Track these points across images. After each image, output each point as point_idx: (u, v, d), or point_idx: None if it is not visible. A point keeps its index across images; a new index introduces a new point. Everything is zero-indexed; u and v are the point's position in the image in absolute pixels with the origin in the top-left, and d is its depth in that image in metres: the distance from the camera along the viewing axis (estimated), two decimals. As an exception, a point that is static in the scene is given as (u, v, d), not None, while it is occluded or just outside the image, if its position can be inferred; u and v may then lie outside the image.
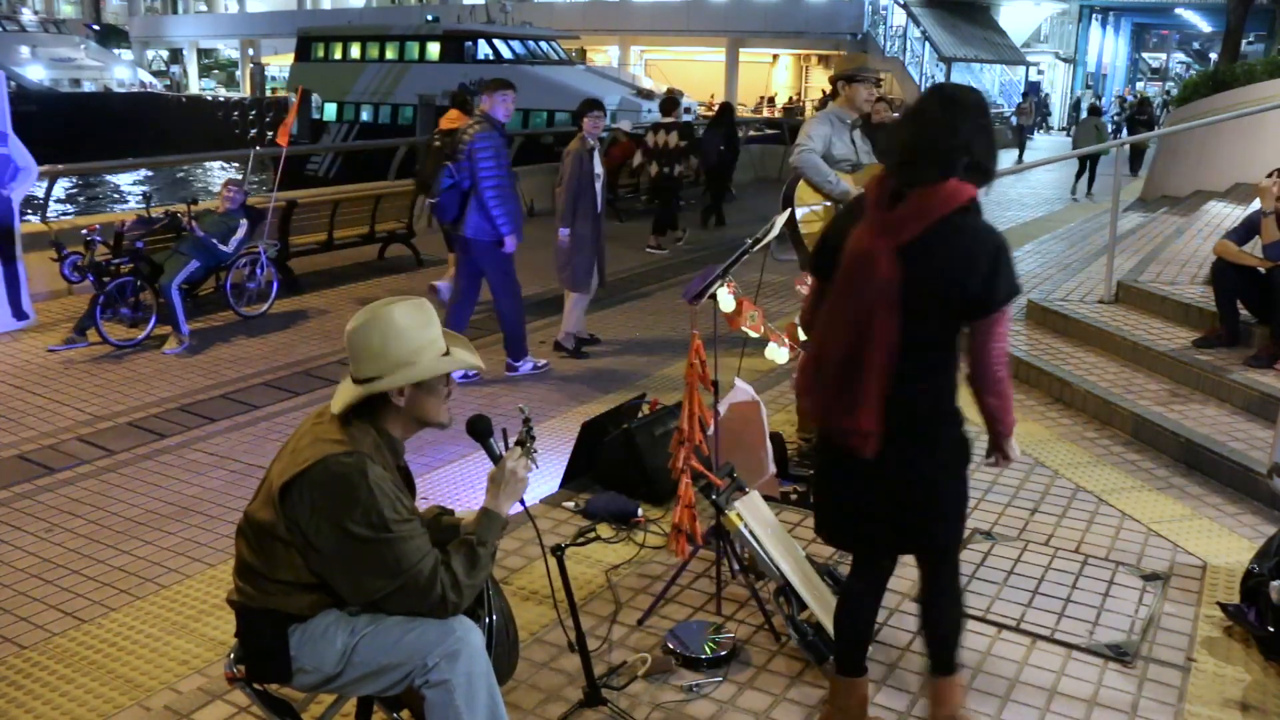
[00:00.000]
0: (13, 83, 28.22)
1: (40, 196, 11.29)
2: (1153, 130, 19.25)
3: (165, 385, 6.67)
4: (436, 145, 8.45)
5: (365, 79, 29.97)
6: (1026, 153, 22.70)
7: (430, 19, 31.18)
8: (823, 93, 29.52)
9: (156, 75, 56.81)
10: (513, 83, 6.84)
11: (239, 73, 54.93)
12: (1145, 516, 4.50)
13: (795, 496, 4.57)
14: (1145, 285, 7.02)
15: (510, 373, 6.97)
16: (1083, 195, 16.74)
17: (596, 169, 7.32)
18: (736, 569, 3.78)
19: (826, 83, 30.49)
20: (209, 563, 4.30)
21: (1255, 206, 6.16)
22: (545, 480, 4.77)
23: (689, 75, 37.35)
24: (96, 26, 60.82)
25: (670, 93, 14.38)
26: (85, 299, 7.62)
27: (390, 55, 29.96)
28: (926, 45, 34.38)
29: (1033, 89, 37.83)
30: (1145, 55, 56.51)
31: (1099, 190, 16.59)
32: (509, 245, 6.61)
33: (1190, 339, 6.10)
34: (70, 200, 27.87)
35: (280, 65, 46.13)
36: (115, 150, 28.02)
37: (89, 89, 47.63)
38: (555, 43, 29.96)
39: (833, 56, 36.47)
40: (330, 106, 30.39)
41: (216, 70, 59.84)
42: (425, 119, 27.90)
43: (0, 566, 4.28)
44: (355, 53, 30.91)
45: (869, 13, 33.26)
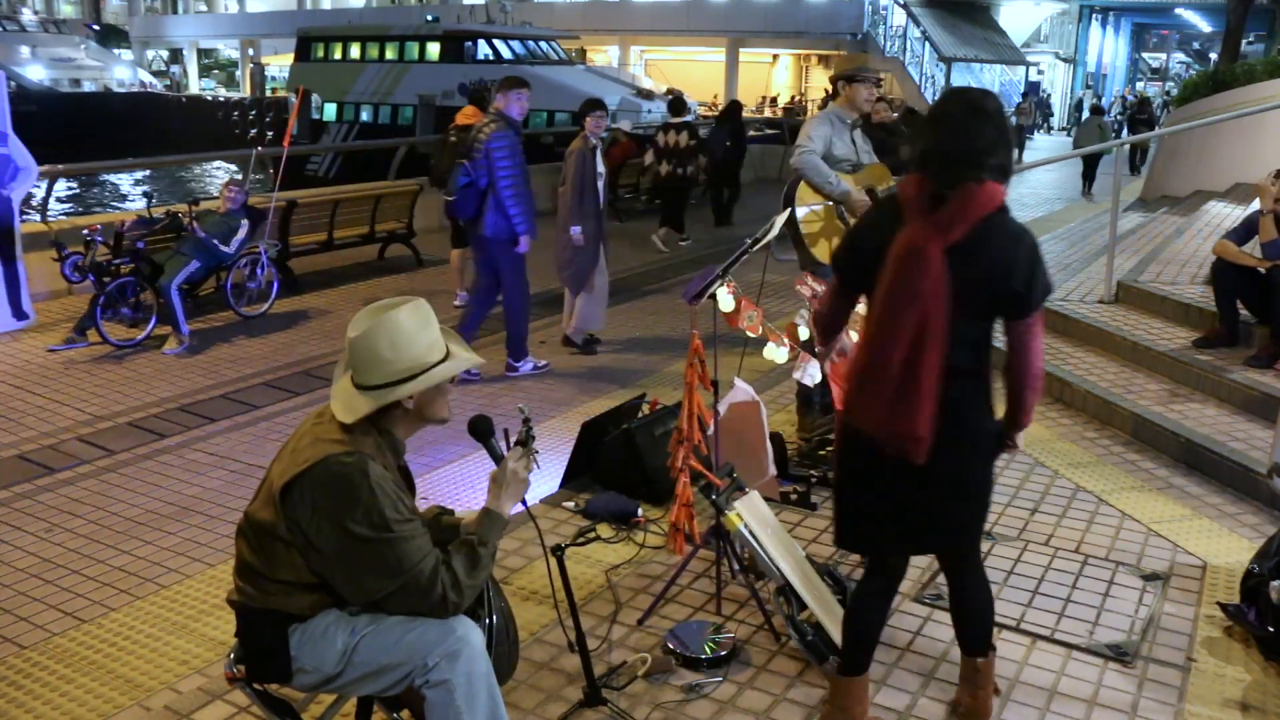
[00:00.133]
0: (13, 83, 28.22)
1: (40, 196, 11.30)
2: (1153, 129, 19.28)
3: (165, 385, 6.67)
4: (452, 140, 8.45)
5: (365, 79, 29.96)
6: (1026, 153, 22.69)
7: (430, 19, 31.16)
8: (825, 92, 29.50)
9: (156, 75, 56.80)
10: (528, 81, 6.90)
11: (239, 73, 54.92)
12: (1145, 516, 4.50)
13: (795, 496, 4.57)
14: (1145, 285, 7.02)
15: (510, 373, 6.98)
16: (1089, 193, 16.78)
17: (599, 168, 7.36)
18: (736, 569, 3.78)
19: (827, 83, 30.50)
20: (209, 563, 4.31)
21: (1255, 206, 6.17)
22: (545, 480, 4.76)
23: (689, 75, 37.34)
24: (96, 26, 60.81)
25: (671, 92, 14.41)
26: (85, 299, 7.62)
27: (390, 55, 29.93)
28: (926, 45, 34.35)
29: (1033, 89, 37.82)
30: (1145, 55, 56.48)
31: (1098, 190, 16.61)
32: (523, 245, 6.69)
33: (1190, 339, 6.10)
34: (71, 200, 27.85)
35: (280, 65, 46.10)
36: (115, 150, 28.01)
37: (89, 89, 47.62)
38: (555, 43, 29.95)
39: (833, 56, 36.47)
40: (330, 107, 30.36)
41: (216, 70, 59.83)
42: (425, 119, 27.91)
43: (0, 566, 4.29)
44: (355, 53, 30.88)
45: (869, 13, 33.24)
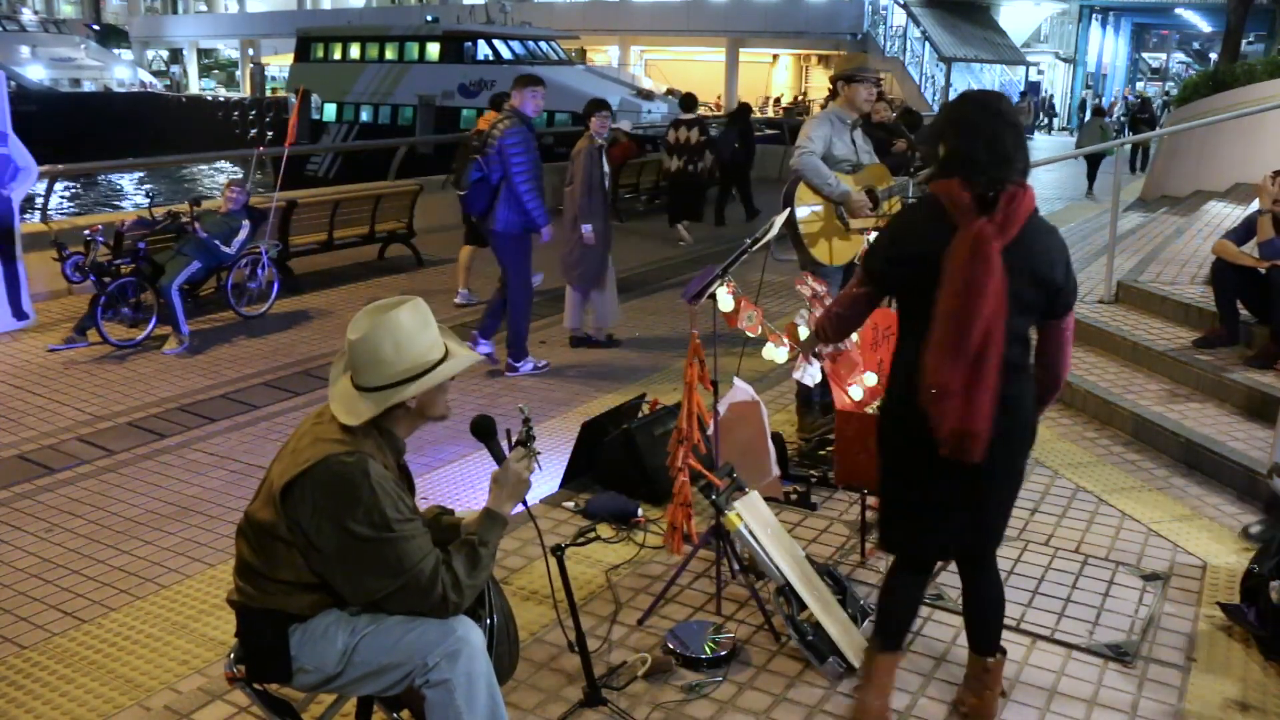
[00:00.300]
0: (13, 83, 28.23)
1: (40, 196, 11.30)
2: (1154, 128, 19.29)
3: (165, 385, 6.67)
4: (474, 145, 8.52)
5: (365, 79, 29.96)
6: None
7: (430, 19, 31.17)
8: (829, 91, 29.62)
9: (156, 75, 56.82)
10: (543, 79, 6.98)
11: (239, 73, 54.94)
12: (1145, 516, 4.50)
13: (795, 496, 4.57)
14: (1145, 285, 7.02)
15: (510, 373, 6.98)
16: (1096, 190, 16.83)
17: (604, 167, 7.47)
18: (736, 569, 3.78)
19: (828, 82, 30.47)
20: (209, 563, 4.30)
21: (1255, 206, 6.16)
22: (545, 480, 4.76)
23: (689, 75, 37.34)
24: (96, 26, 60.81)
25: (672, 92, 14.47)
26: (85, 299, 7.62)
27: (390, 56, 29.94)
28: (926, 45, 34.37)
29: (1033, 89, 37.83)
30: (1145, 55, 56.49)
31: (1099, 189, 16.62)
32: (545, 235, 6.80)
33: (1190, 339, 6.09)
34: (71, 200, 27.85)
35: (280, 65, 46.12)
36: (115, 150, 28.03)
37: (89, 89, 47.63)
38: (555, 43, 29.96)
39: (833, 56, 36.49)
40: (330, 107, 30.37)
41: (216, 70, 59.85)
42: (425, 119, 27.92)
43: (0, 566, 4.29)
44: (355, 53, 30.89)
45: (869, 13, 33.27)
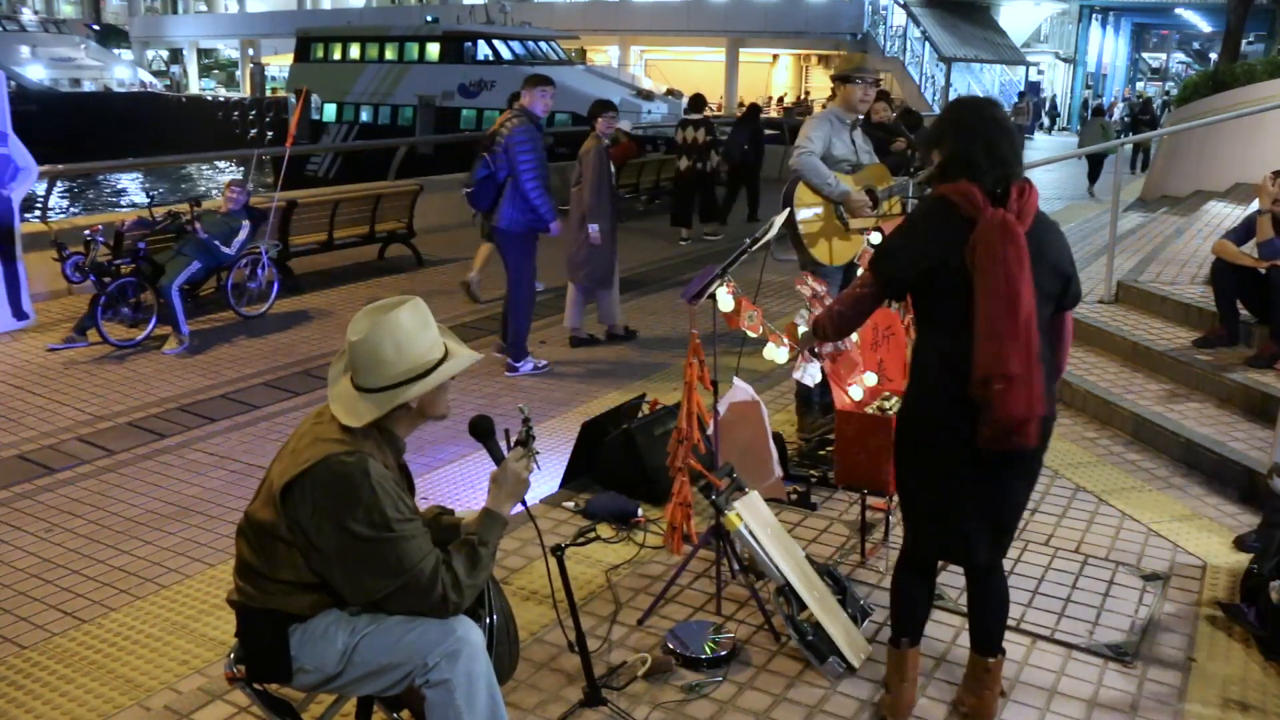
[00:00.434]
0: (13, 83, 28.21)
1: (40, 196, 11.30)
2: (1156, 128, 19.31)
3: (165, 385, 6.67)
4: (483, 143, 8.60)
5: (365, 79, 29.96)
6: (1027, 153, 22.75)
7: (430, 20, 31.17)
8: (832, 92, 29.62)
9: (156, 75, 56.82)
10: (553, 79, 7.03)
11: (239, 73, 54.95)
12: (1145, 516, 4.50)
13: (795, 496, 4.57)
14: (1145, 285, 7.02)
15: (510, 373, 6.99)
16: (1096, 189, 16.85)
17: (611, 167, 7.55)
18: (736, 569, 3.78)
19: (830, 82, 30.46)
20: (209, 563, 4.30)
21: (1255, 206, 6.16)
22: (545, 480, 4.76)
23: (689, 75, 37.30)
24: (96, 26, 60.82)
25: (672, 92, 14.47)
26: (85, 299, 7.62)
27: (390, 56, 29.93)
28: (926, 45, 34.38)
29: (1033, 89, 37.83)
30: (1145, 55, 56.50)
31: (1100, 188, 16.62)
32: (554, 230, 6.85)
33: (1190, 339, 6.09)
34: (72, 199, 27.85)
35: (280, 65, 46.11)
36: (115, 150, 28.04)
37: (89, 89, 47.61)
38: (555, 43, 29.95)
39: (833, 56, 36.47)
40: (330, 107, 30.36)
41: (216, 70, 59.85)
42: (425, 119, 27.90)
43: (0, 566, 4.29)
44: (355, 53, 30.89)
45: (869, 13, 33.27)
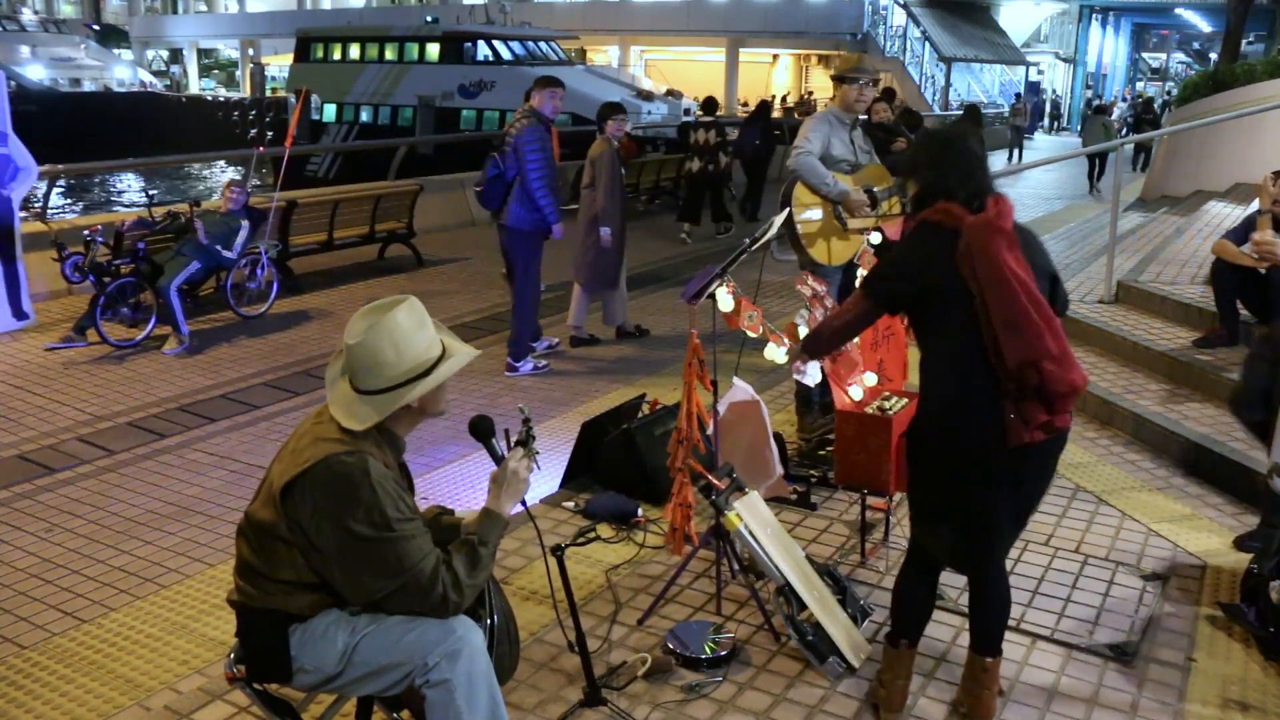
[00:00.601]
0: (13, 83, 28.22)
1: (40, 196, 11.30)
2: (1158, 128, 19.34)
3: (165, 385, 6.67)
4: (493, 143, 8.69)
5: (365, 80, 29.96)
6: (1026, 153, 22.79)
7: (430, 20, 31.16)
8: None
9: (156, 75, 56.83)
10: (563, 81, 7.10)
11: (239, 73, 54.96)
12: (1145, 516, 4.50)
13: (795, 496, 4.57)
14: (1145, 285, 7.02)
15: (510, 372, 6.99)
16: (1096, 191, 16.87)
17: (622, 170, 7.62)
18: (736, 569, 3.78)
19: (830, 83, 30.46)
20: (209, 563, 4.30)
21: (1255, 206, 6.16)
22: (545, 480, 4.77)
23: (689, 75, 37.36)
24: (96, 26, 60.85)
25: (671, 93, 14.49)
26: (85, 299, 7.62)
27: (390, 56, 29.93)
28: (926, 45, 34.41)
29: (1033, 90, 37.84)
30: (1145, 55, 56.53)
31: (1103, 187, 16.67)
32: (556, 232, 6.89)
33: (1190, 339, 6.10)
34: (73, 199, 27.85)
35: (280, 65, 46.11)
36: (115, 150, 28.04)
37: (89, 89, 47.63)
38: (555, 43, 29.94)
39: (833, 56, 36.47)
40: (330, 107, 30.35)
41: (216, 70, 59.87)
42: (425, 120, 27.89)
43: (0, 566, 4.29)
44: (355, 53, 30.88)
45: (869, 13, 33.29)
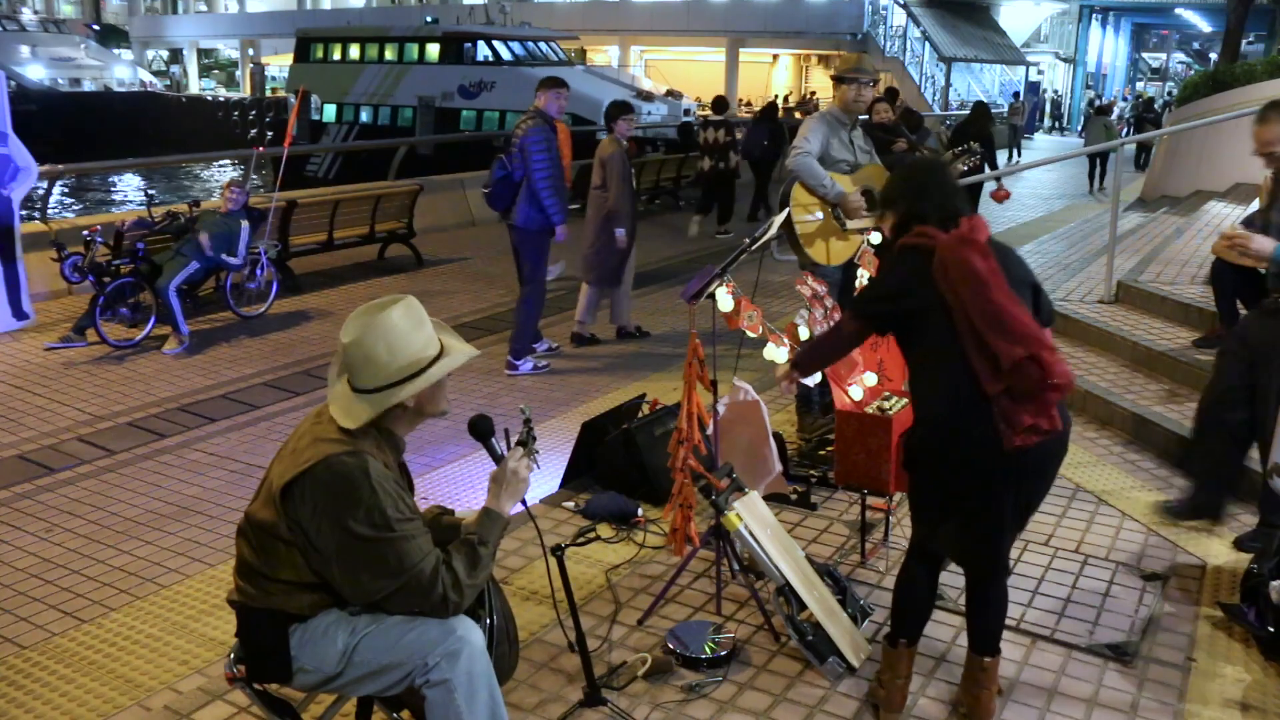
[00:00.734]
0: (13, 82, 28.18)
1: (40, 196, 11.29)
2: (1159, 127, 19.38)
3: (165, 385, 6.67)
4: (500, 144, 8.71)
5: (365, 80, 29.95)
6: (1026, 153, 22.84)
7: (429, 20, 31.15)
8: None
9: (156, 75, 56.82)
10: (567, 82, 7.19)
11: (239, 73, 54.96)
12: (1145, 516, 4.49)
13: (795, 496, 4.57)
14: (1145, 285, 7.02)
15: (510, 371, 6.99)
16: (1097, 191, 16.91)
17: (631, 170, 7.68)
18: (736, 569, 3.78)
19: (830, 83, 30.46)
20: (209, 563, 4.30)
21: (1255, 207, 6.15)
22: (545, 480, 4.77)
23: (689, 75, 37.34)
24: (96, 26, 60.81)
25: (671, 93, 14.51)
26: (85, 299, 7.62)
27: (390, 56, 29.92)
28: (926, 45, 34.40)
29: (1033, 90, 37.84)
30: (1145, 55, 56.52)
31: (1108, 184, 16.72)
32: (560, 234, 6.92)
33: (1190, 339, 6.10)
34: (73, 199, 27.84)
35: (280, 65, 46.11)
36: (115, 150, 28.02)
37: (89, 89, 47.60)
38: (554, 43, 29.92)
39: (833, 56, 36.48)
40: (330, 107, 30.34)
41: (216, 70, 59.88)
42: (425, 120, 27.87)
43: (0, 566, 4.29)
44: (355, 54, 30.88)
45: (869, 13, 33.28)
